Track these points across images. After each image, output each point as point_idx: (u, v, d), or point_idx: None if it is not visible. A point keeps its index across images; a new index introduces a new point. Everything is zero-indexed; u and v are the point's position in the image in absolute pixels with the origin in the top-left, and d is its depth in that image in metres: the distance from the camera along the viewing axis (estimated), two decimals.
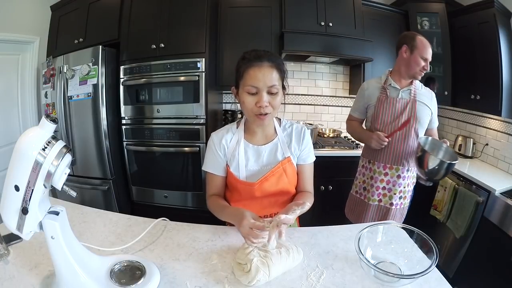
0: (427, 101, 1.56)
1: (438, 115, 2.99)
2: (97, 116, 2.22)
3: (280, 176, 1.06)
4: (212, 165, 1.09)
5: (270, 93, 0.95)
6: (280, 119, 1.15)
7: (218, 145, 1.08)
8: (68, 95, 2.27)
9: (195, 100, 2.20)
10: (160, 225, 1.05)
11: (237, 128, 1.11)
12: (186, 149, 2.28)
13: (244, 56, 0.98)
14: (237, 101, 1.08)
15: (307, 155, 1.11)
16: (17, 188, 0.60)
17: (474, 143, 2.44)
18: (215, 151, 1.08)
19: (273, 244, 0.83)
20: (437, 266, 0.76)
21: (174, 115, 2.26)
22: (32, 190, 0.61)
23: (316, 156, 1.16)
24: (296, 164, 1.11)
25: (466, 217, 1.90)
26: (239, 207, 0.98)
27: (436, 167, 1.36)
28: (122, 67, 2.29)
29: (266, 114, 0.96)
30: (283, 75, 0.99)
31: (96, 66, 2.17)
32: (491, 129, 2.35)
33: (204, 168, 1.11)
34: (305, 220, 1.29)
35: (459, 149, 2.50)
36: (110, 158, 2.30)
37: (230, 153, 1.08)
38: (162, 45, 2.19)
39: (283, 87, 1.00)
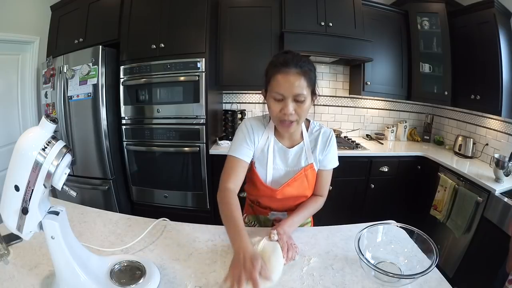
0: None
1: (438, 115, 3.03)
2: (97, 116, 2.22)
3: (302, 182, 1.06)
4: (240, 150, 1.02)
5: (296, 101, 0.92)
6: (309, 121, 1.11)
7: (252, 133, 1.05)
8: (68, 95, 2.27)
9: (195, 100, 2.20)
10: (160, 225, 1.05)
11: (268, 122, 1.07)
12: (186, 149, 2.28)
13: (272, 60, 0.95)
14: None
15: (329, 161, 1.09)
16: (17, 188, 0.60)
17: (474, 143, 2.44)
18: (248, 137, 1.04)
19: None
20: (437, 266, 0.76)
21: (174, 115, 2.26)
22: (32, 190, 0.61)
23: None
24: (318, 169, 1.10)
25: (466, 217, 1.90)
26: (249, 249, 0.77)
27: None
28: (122, 67, 2.29)
29: (291, 122, 0.94)
30: (312, 81, 0.93)
31: (96, 66, 2.17)
32: (491, 129, 2.35)
33: (231, 153, 1.03)
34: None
35: (459, 149, 2.50)
36: (110, 158, 2.30)
37: (259, 149, 1.06)
38: (162, 45, 2.19)
39: (313, 93, 0.96)
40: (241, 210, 0.94)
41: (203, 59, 2.15)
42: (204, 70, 2.16)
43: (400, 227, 0.91)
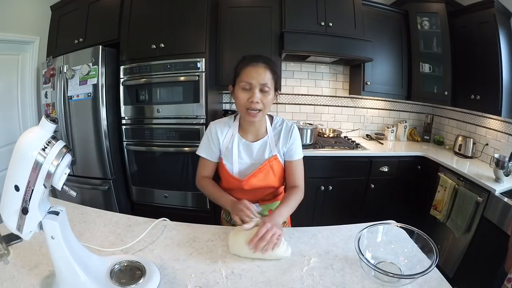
0: None
1: (438, 115, 3.03)
2: (97, 116, 2.22)
3: (267, 173, 1.15)
4: (206, 151, 1.19)
5: (262, 91, 1.04)
6: (272, 117, 1.21)
7: (215, 136, 1.16)
8: (68, 95, 2.27)
9: (195, 100, 2.20)
10: (160, 225, 1.06)
11: (233, 121, 1.19)
12: (186, 149, 2.28)
13: (244, 57, 1.08)
14: (233, 101, 1.12)
15: (294, 152, 1.17)
16: (17, 188, 0.60)
17: (474, 143, 2.44)
18: (211, 140, 1.17)
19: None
20: (437, 266, 0.76)
21: (174, 115, 2.26)
22: (32, 190, 0.61)
23: (316, 156, 1.18)
24: (284, 160, 1.18)
25: (466, 217, 1.90)
26: (234, 199, 1.09)
27: None
28: (122, 67, 2.28)
29: (257, 111, 1.04)
30: (276, 77, 1.07)
31: (96, 66, 2.17)
32: (491, 129, 2.35)
33: (198, 152, 1.20)
34: (304, 220, 1.29)
35: (459, 149, 2.50)
36: (110, 158, 2.30)
37: (224, 146, 1.16)
38: (162, 45, 2.19)
39: (276, 89, 1.09)
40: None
41: (203, 59, 2.15)
42: (204, 70, 2.16)
43: (400, 227, 0.91)
